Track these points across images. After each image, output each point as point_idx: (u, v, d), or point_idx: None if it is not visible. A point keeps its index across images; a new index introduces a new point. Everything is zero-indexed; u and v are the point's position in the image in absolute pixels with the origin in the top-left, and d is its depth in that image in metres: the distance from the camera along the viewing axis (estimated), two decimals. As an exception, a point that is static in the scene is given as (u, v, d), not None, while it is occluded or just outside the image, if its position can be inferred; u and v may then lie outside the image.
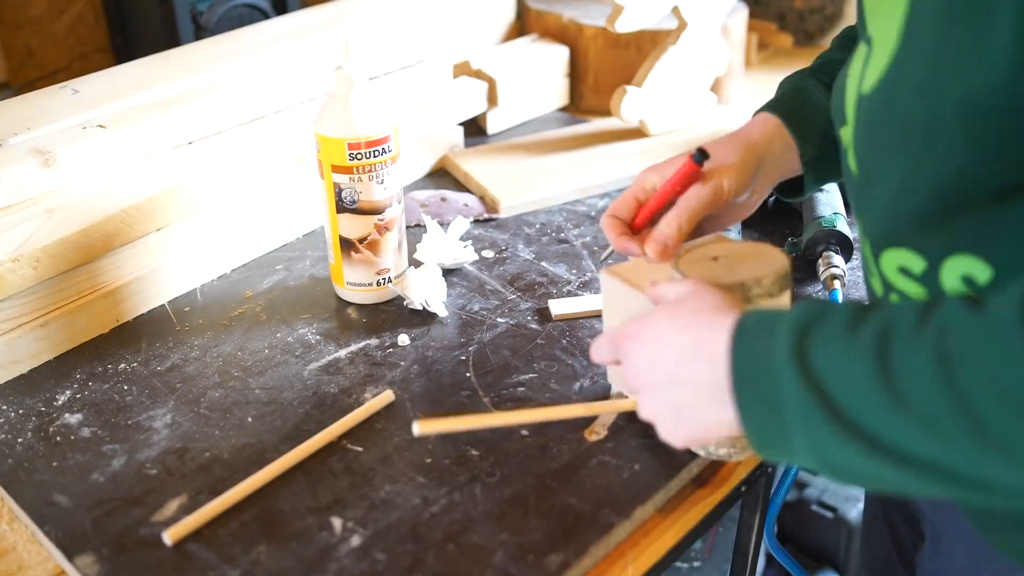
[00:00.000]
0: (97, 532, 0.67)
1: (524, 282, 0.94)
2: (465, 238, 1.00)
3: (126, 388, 0.81)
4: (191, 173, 0.90)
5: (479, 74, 1.20)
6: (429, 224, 0.96)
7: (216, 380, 0.81)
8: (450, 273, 0.94)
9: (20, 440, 0.75)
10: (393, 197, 0.87)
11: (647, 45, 1.21)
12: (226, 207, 0.94)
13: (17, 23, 1.49)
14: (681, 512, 0.71)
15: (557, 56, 1.25)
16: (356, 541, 0.66)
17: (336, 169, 0.83)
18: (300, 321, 0.88)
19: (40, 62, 1.50)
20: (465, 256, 0.95)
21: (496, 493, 0.69)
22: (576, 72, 1.28)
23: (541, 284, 0.93)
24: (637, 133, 1.20)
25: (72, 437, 0.75)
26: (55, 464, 0.73)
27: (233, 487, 0.69)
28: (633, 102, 1.16)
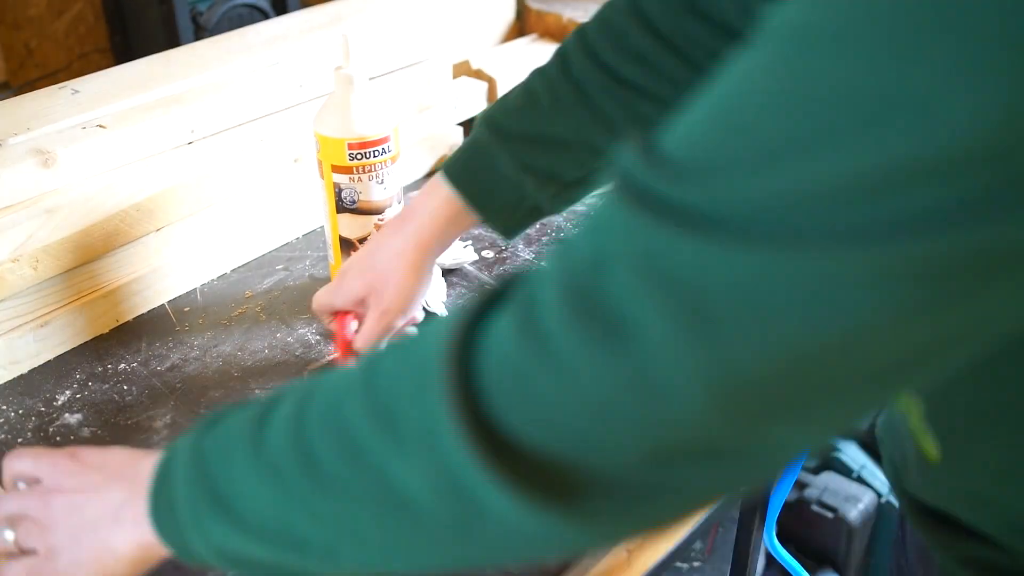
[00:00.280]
0: (97, 532, 0.66)
1: (524, 282, 0.93)
2: (465, 238, 1.00)
3: (126, 388, 0.81)
4: (191, 173, 0.90)
5: (479, 74, 1.20)
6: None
7: (216, 380, 0.81)
8: (450, 273, 0.94)
9: (20, 440, 0.75)
10: (393, 197, 0.87)
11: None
12: (226, 207, 0.94)
13: (17, 23, 1.49)
14: (681, 512, 0.71)
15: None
16: (356, 541, 0.65)
17: (336, 169, 0.83)
18: (300, 321, 0.88)
19: (40, 62, 1.50)
20: (465, 256, 0.95)
21: (496, 493, 0.69)
22: (576, 72, 1.28)
23: (541, 284, 0.93)
24: (637, 133, 1.20)
25: (72, 437, 0.75)
26: (55, 464, 0.72)
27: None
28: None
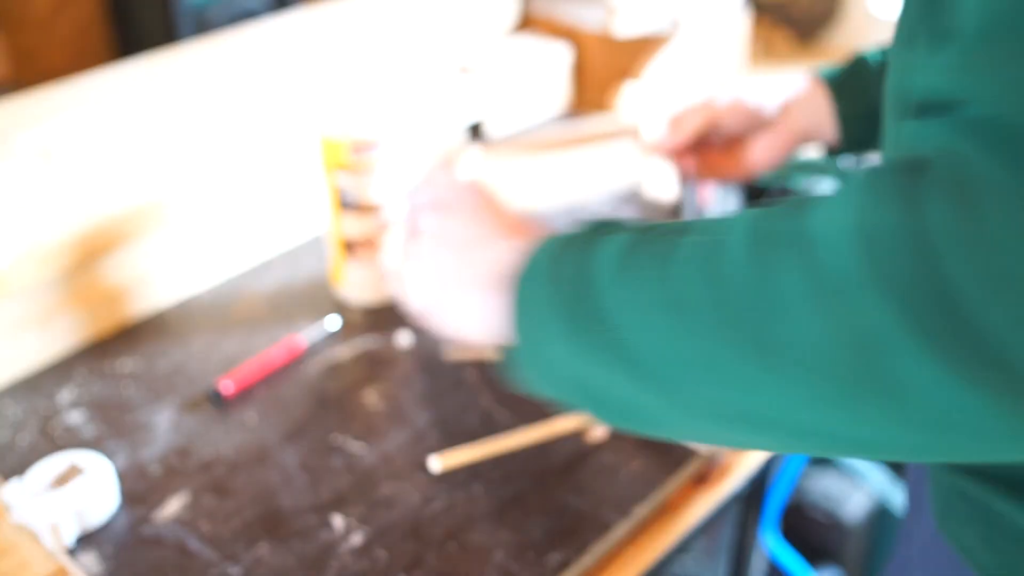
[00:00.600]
0: (99, 530, 0.67)
1: (524, 282, 0.94)
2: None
3: (128, 387, 0.81)
4: (192, 173, 0.91)
5: (479, 74, 1.20)
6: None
7: (217, 379, 0.81)
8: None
9: (22, 438, 0.75)
10: (392, 197, 0.87)
11: (647, 45, 1.22)
12: (228, 207, 0.94)
13: (18, 23, 1.49)
14: (681, 511, 0.72)
15: (557, 56, 1.26)
16: (357, 539, 0.66)
17: (337, 169, 0.84)
18: (301, 321, 0.89)
19: (41, 61, 1.50)
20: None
21: (496, 491, 0.69)
22: (576, 72, 1.29)
23: (541, 284, 0.93)
24: (637, 133, 1.20)
25: (75, 436, 0.75)
26: (57, 463, 0.73)
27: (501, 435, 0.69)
28: (633, 102, 1.16)
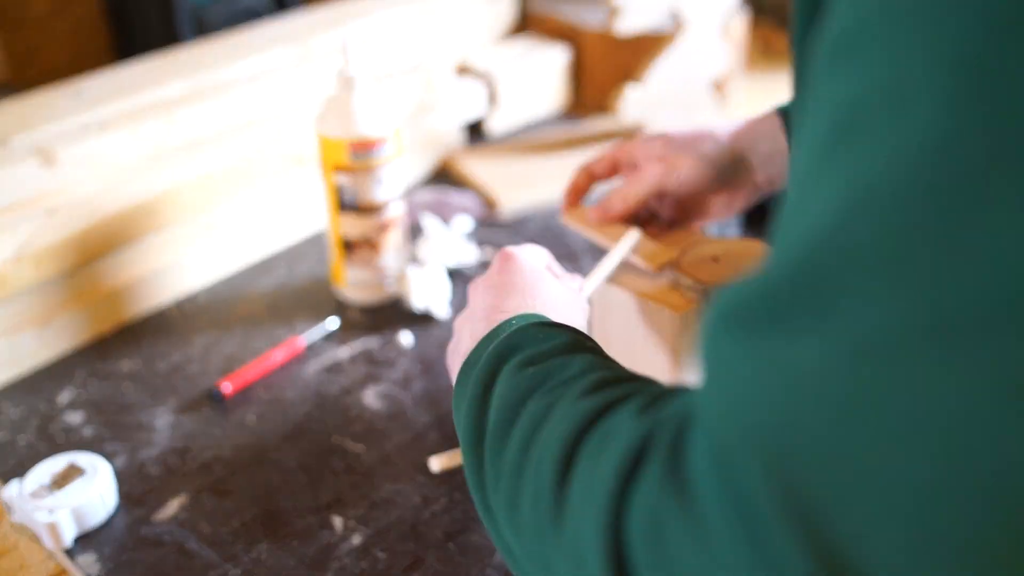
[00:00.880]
0: (98, 531, 0.67)
1: (524, 282, 0.94)
2: (466, 238, 1.00)
3: (127, 387, 0.81)
4: (191, 173, 0.91)
5: (479, 74, 1.20)
6: (430, 224, 0.96)
7: (217, 379, 0.81)
8: (451, 273, 0.94)
9: (22, 439, 0.75)
10: (394, 197, 0.87)
11: (647, 45, 1.22)
12: (228, 207, 0.94)
13: (18, 23, 1.49)
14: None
15: (557, 56, 1.26)
16: (357, 540, 0.66)
17: (337, 169, 0.84)
18: (301, 321, 0.89)
19: (41, 62, 1.51)
20: (466, 256, 0.96)
21: (497, 492, 0.69)
22: (576, 72, 1.29)
23: (541, 284, 0.93)
24: (637, 133, 1.20)
25: (74, 436, 0.75)
26: (56, 463, 0.73)
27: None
28: (633, 101, 1.16)
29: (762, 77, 1.34)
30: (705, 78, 1.21)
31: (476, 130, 1.22)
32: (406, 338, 0.86)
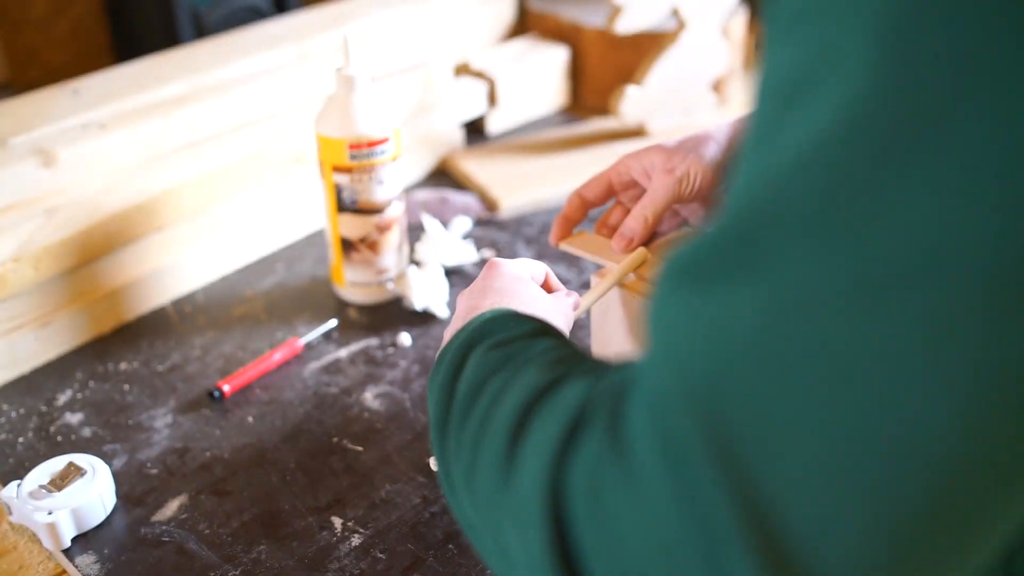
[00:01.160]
0: (98, 531, 0.67)
1: (524, 282, 0.93)
2: (466, 238, 1.00)
3: (127, 388, 0.81)
4: (191, 173, 0.90)
5: (479, 74, 1.20)
6: (429, 224, 0.96)
7: (217, 380, 0.81)
8: (450, 273, 0.94)
9: (21, 440, 0.75)
10: (393, 197, 0.87)
11: (647, 45, 1.21)
12: (227, 207, 0.94)
13: (18, 23, 1.49)
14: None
15: (557, 56, 1.25)
16: (356, 540, 0.66)
17: (337, 169, 0.84)
18: (300, 321, 0.88)
19: (41, 62, 1.51)
20: (466, 256, 0.95)
21: (496, 493, 0.69)
22: (576, 72, 1.28)
23: (541, 284, 0.93)
24: (637, 133, 1.20)
25: (73, 437, 0.75)
26: (56, 464, 0.73)
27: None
28: (633, 102, 1.16)
29: (762, 77, 1.34)
30: (705, 78, 1.21)
31: (476, 130, 1.22)
32: (405, 338, 0.86)
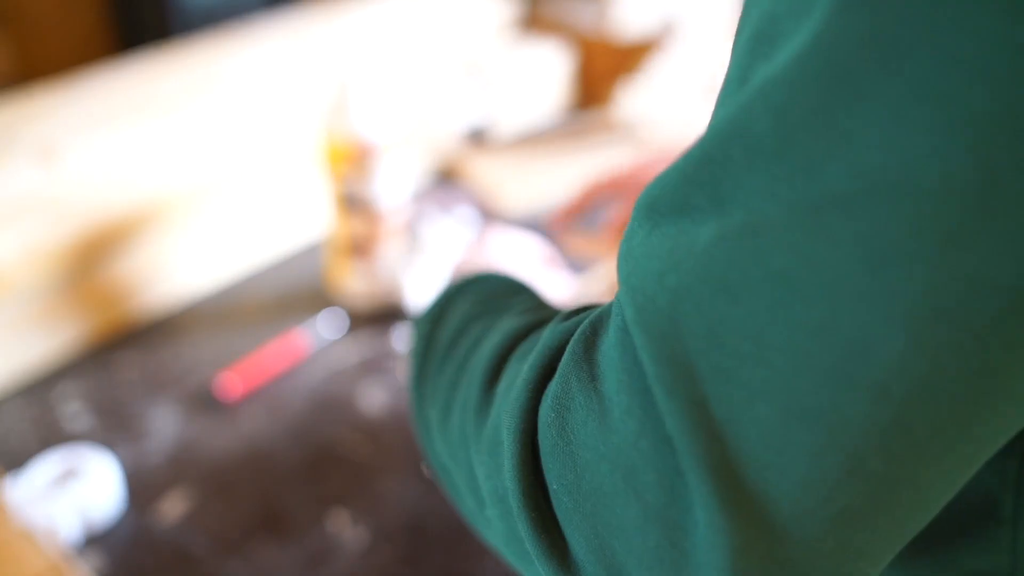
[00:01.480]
0: (99, 530, 0.67)
1: (525, 282, 0.94)
2: (466, 238, 1.00)
3: (128, 388, 0.81)
4: (192, 173, 0.90)
5: (480, 74, 1.20)
6: (430, 224, 0.96)
7: (219, 380, 0.81)
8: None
9: (23, 440, 0.75)
10: (396, 198, 0.87)
11: (648, 45, 1.22)
12: (229, 207, 0.94)
13: (18, 22, 1.49)
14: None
15: (557, 56, 1.26)
16: (359, 538, 0.66)
17: (339, 170, 0.84)
18: (301, 320, 0.89)
19: (41, 61, 1.51)
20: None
21: (497, 492, 0.69)
22: (576, 72, 1.28)
23: (542, 284, 0.93)
24: (639, 133, 1.20)
25: (74, 437, 0.75)
26: (57, 463, 0.73)
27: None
28: (634, 102, 1.16)
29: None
30: (705, 78, 1.21)
31: (479, 130, 1.22)
32: (406, 339, 0.86)
